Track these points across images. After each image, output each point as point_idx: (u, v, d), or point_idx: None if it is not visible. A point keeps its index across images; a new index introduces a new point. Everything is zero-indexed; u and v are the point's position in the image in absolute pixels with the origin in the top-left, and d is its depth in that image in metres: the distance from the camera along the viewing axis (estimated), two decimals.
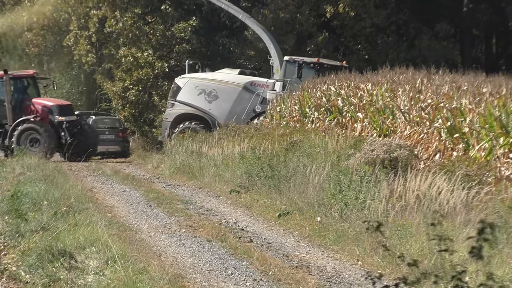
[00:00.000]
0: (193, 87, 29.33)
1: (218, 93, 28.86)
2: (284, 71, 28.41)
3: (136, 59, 36.37)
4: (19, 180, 16.85)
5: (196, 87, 29.25)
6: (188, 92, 29.39)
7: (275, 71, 29.41)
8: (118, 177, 20.55)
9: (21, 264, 9.28)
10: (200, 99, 29.10)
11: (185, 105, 29.39)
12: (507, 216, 10.39)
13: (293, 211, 13.58)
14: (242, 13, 32.78)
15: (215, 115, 28.57)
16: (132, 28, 36.46)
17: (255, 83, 28.64)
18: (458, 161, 13.29)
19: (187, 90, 29.45)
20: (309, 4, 35.12)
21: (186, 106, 29.37)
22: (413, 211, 11.48)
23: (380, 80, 20.42)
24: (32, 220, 11.27)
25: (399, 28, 36.23)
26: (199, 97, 29.12)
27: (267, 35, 31.29)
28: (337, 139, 17.53)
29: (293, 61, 28.36)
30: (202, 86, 29.13)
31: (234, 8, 33.00)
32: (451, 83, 18.05)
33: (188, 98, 29.31)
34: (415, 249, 9.78)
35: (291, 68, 28.13)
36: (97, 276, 8.63)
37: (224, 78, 29.15)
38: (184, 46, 37.28)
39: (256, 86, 28.39)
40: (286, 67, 28.36)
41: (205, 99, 29.04)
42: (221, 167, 19.53)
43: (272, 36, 31.58)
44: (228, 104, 28.56)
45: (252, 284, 9.07)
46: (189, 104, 29.24)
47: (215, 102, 28.92)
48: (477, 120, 14.46)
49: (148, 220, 13.47)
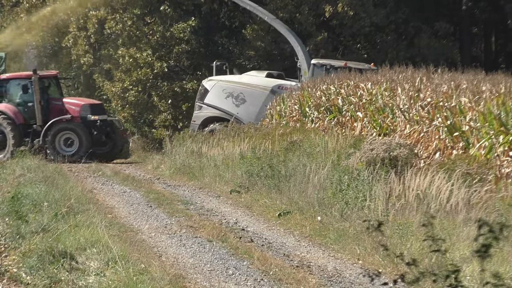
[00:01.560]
0: (220, 90, 28.84)
1: (246, 97, 28.42)
2: (311, 74, 28.00)
3: (135, 59, 36.35)
4: (20, 182, 16.86)
5: (223, 90, 28.73)
6: (216, 95, 28.90)
7: (303, 74, 29.07)
8: (118, 178, 20.55)
9: (22, 266, 9.28)
10: (228, 102, 28.68)
11: (213, 108, 28.93)
12: (507, 214, 10.40)
13: (293, 211, 13.58)
14: (268, 15, 32.44)
15: (242, 119, 27.98)
16: (132, 29, 36.47)
17: (283, 87, 28.12)
18: (458, 159, 13.30)
19: (215, 93, 28.99)
20: (308, 3, 35.11)
21: (214, 109, 28.90)
22: (413, 210, 11.48)
23: (380, 79, 20.43)
24: (33, 222, 11.27)
25: (398, 27, 36.23)
26: (226, 100, 28.65)
27: (294, 37, 30.95)
28: (337, 138, 17.53)
29: (320, 65, 27.83)
30: (230, 89, 28.57)
31: (260, 10, 32.69)
32: (450, 81, 18.05)
33: (216, 101, 28.81)
34: (415, 248, 9.78)
35: (319, 71, 27.61)
36: (98, 277, 8.64)
37: (252, 81, 28.66)
38: (183, 47, 37.26)
39: (284, 90, 27.78)
40: (314, 71, 27.80)
41: (233, 102, 28.64)
42: (221, 167, 19.53)
43: (298, 38, 31.20)
44: (256, 108, 28.08)
45: (253, 284, 9.08)
46: (217, 107, 28.75)
47: (243, 106, 28.52)
48: (476, 118, 14.47)
49: (148, 221, 13.47)
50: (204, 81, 30.14)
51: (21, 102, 27.20)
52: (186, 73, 38.48)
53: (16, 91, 27.35)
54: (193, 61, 37.90)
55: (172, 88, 37.54)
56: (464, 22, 39.38)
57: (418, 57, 32.74)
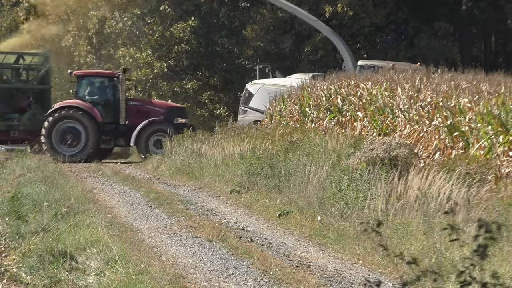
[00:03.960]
0: (265, 93, 28.56)
1: None
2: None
3: (135, 59, 36.38)
4: (19, 182, 16.85)
5: (268, 93, 28.38)
6: (261, 99, 28.63)
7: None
8: (118, 178, 20.55)
9: (22, 266, 9.28)
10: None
11: (258, 112, 28.69)
12: (507, 214, 10.40)
13: (293, 211, 13.58)
14: (311, 18, 32.23)
15: None
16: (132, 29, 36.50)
17: None
18: (458, 159, 13.30)
19: (260, 97, 28.76)
20: (308, 3, 35.15)
21: (259, 113, 28.58)
22: (413, 209, 11.48)
23: (380, 79, 20.45)
24: (33, 222, 11.27)
25: (398, 27, 36.27)
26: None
27: (339, 39, 30.71)
28: (337, 138, 17.53)
29: (368, 67, 27.43)
30: (275, 93, 27.97)
31: (303, 13, 32.48)
32: (450, 81, 18.06)
33: (261, 105, 28.47)
34: (415, 247, 9.78)
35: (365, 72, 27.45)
36: (98, 277, 8.64)
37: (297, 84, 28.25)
38: (183, 46, 37.29)
39: None
40: (360, 72, 27.36)
41: None
42: (221, 167, 19.52)
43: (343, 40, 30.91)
44: None
45: (253, 284, 9.08)
46: (262, 111, 28.30)
47: None
48: (476, 118, 14.48)
49: (148, 221, 13.47)
50: (248, 85, 29.81)
51: (98, 100, 27.01)
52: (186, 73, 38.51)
53: (93, 89, 27.19)
54: (193, 61, 37.92)
55: (172, 88, 37.56)
56: (464, 22, 39.39)
57: (418, 57, 32.77)
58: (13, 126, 28.94)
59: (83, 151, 26.11)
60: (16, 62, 30.92)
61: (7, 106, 28.96)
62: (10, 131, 28.85)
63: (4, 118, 28.75)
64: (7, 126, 28.84)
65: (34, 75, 31.16)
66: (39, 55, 31.95)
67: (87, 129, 26.30)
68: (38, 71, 31.05)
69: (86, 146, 26.27)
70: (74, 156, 25.79)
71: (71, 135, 26.42)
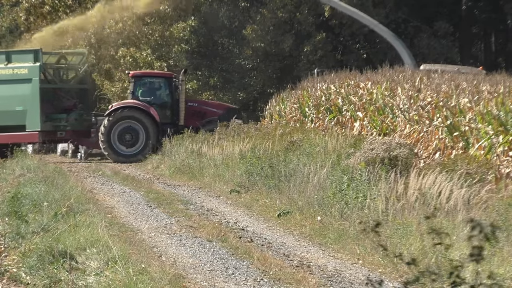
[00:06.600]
0: None
1: None
2: None
3: (135, 59, 36.36)
4: (19, 182, 16.86)
5: None
6: None
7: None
8: (118, 178, 20.55)
9: (22, 266, 9.28)
10: None
11: None
12: (507, 214, 10.40)
13: (293, 211, 13.58)
14: (371, 21, 32.06)
15: None
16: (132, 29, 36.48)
17: None
18: (458, 159, 13.30)
19: None
20: (307, 3, 35.13)
21: None
22: (413, 209, 11.48)
23: (380, 79, 20.45)
24: (33, 222, 11.28)
25: (398, 27, 36.22)
26: None
27: (399, 42, 30.48)
28: (336, 138, 17.53)
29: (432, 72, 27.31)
30: None
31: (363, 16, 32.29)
32: (450, 81, 18.07)
33: None
34: (415, 247, 9.77)
35: None
36: (98, 277, 8.64)
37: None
38: (183, 46, 37.26)
39: None
40: None
41: None
42: (221, 167, 19.52)
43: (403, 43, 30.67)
44: None
45: (253, 284, 9.08)
46: None
47: None
48: (476, 118, 14.48)
49: (148, 221, 13.48)
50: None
51: (155, 100, 27.03)
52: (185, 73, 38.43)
53: (150, 89, 27.20)
54: (193, 61, 37.90)
55: None
56: (464, 22, 39.36)
57: (418, 57, 32.75)
58: (59, 127, 28.58)
59: (142, 151, 26.10)
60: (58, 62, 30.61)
61: (52, 106, 28.62)
62: (57, 131, 28.52)
63: (50, 118, 28.37)
64: (54, 127, 28.42)
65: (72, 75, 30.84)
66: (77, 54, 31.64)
67: (147, 129, 26.35)
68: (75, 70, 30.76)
69: (146, 146, 26.27)
70: (134, 156, 25.80)
71: (130, 135, 26.45)
